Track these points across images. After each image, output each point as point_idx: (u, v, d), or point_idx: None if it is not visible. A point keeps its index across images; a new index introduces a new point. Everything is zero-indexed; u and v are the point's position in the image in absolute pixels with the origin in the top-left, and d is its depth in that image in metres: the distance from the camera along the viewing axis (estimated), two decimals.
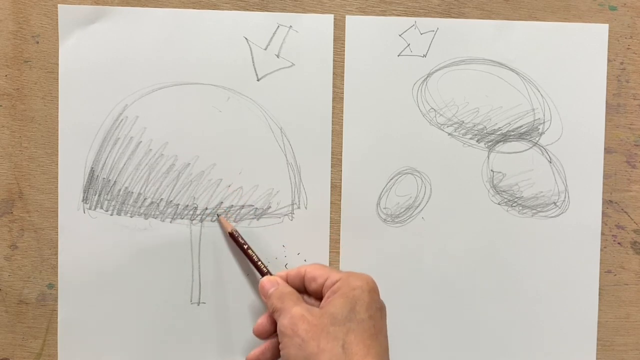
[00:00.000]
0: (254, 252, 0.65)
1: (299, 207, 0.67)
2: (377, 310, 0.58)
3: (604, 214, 0.69)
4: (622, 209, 0.69)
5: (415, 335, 0.68)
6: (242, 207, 0.67)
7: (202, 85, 0.66)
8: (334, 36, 0.67)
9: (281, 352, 0.57)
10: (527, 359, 0.69)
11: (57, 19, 0.65)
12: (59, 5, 0.65)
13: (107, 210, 0.66)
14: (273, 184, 0.67)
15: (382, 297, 0.66)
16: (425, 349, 0.68)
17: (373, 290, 0.58)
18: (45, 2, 0.65)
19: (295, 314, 0.57)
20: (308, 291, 0.61)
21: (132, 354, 0.67)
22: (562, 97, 0.68)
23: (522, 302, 0.69)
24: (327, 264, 0.68)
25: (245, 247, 0.65)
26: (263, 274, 0.63)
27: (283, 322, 0.57)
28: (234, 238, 0.65)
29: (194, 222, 0.67)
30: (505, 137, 0.68)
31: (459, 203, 0.68)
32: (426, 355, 0.68)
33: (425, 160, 0.68)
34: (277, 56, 0.67)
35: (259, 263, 0.64)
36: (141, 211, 0.66)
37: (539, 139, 0.68)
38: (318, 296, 0.60)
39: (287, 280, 0.62)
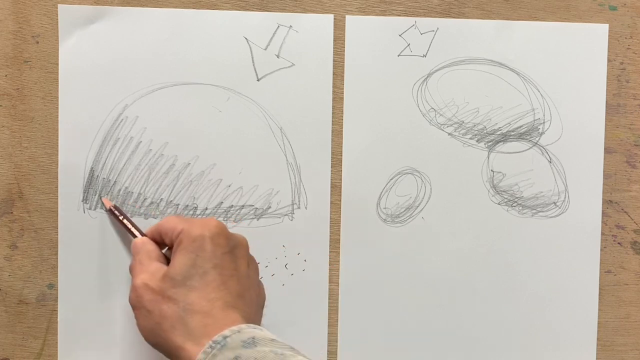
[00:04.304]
0: (130, 221, 0.64)
1: (299, 207, 0.67)
2: (225, 255, 0.55)
3: (604, 214, 0.69)
4: (622, 209, 0.69)
5: (414, 335, 0.68)
6: (242, 207, 0.67)
7: (202, 85, 0.66)
8: (333, 36, 0.67)
9: (136, 323, 0.56)
10: (527, 359, 0.69)
11: (57, 19, 0.65)
12: (59, 5, 0.65)
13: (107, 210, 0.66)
14: (273, 184, 0.67)
15: (381, 297, 0.66)
16: (425, 349, 0.68)
17: (217, 235, 0.56)
18: (45, 2, 0.65)
19: (139, 285, 0.55)
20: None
21: (132, 354, 0.67)
22: (562, 97, 0.68)
23: (522, 302, 0.69)
24: (327, 265, 0.68)
25: (122, 218, 0.64)
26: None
27: (130, 296, 0.56)
28: (113, 214, 0.65)
29: None
30: (505, 137, 0.68)
31: (459, 203, 0.68)
32: (426, 355, 0.68)
33: (425, 160, 0.68)
34: (277, 56, 0.67)
35: (133, 229, 0.63)
36: (141, 211, 0.66)
37: (539, 139, 0.68)
38: None
39: (152, 237, 0.61)
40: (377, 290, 0.68)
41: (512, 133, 0.68)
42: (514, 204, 0.68)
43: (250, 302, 0.56)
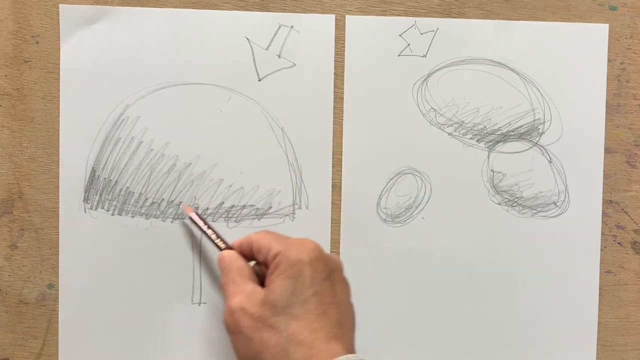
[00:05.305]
0: (214, 231, 0.63)
1: (300, 207, 0.67)
2: (324, 281, 0.54)
3: (604, 214, 0.69)
4: (622, 209, 0.69)
5: (414, 335, 0.68)
6: (244, 207, 0.67)
7: (203, 85, 0.66)
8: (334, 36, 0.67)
9: (232, 347, 0.55)
10: (527, 359, 0.69)
11: (58, 19, 0.65)
12: (60, 5, 0.65)
13: (108, 210, 0.66)
14: (274, 184, 0.67)
15: (381, 297, 0.66)
16: (425, 349, 0.68)
17: (316, 259, 0.54)
18: (45, 2, 0.65)
19: (236, 309, 0.54)
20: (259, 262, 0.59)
21: (132, 354, 0.67)
22: (562, 97, 0.69)
23: (522, 302, 0.69)
24: None
25: (206, 227, 0.63)
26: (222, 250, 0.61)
27: (226, 318, 0.55)
28: (194, 221, 0.64)
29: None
30: (505, 137, 0.68)
31: (459, 203, 0.68)
32: (426, 355, 0.68)
33: (425, 160, 0.68)
34: (279, 56, 0.67)
35: (218, 240, 0.62)
36: (142, 211, 0.66)
37: (539, 139, 0.69)
38: (268, 266, 0.57)
39: (240, 250, 0.59)
40: (377, 290, 0.68)
41: (512, 133, 0.68)
42: (514, 204, 0.69)
43: (347, 330, 0.55)
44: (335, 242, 0.68)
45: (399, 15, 0.68)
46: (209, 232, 0.63)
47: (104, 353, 0.67)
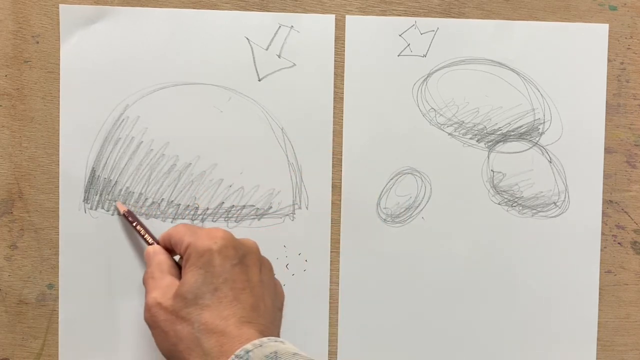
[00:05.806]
0: (143, 227, 0.64)
1: (300, 207, 0.67)
2: (235, 267, 0.54)
3: (604, 214, 0.69)
4: (622, 209, 0.69)
5: (414, 335, 0.68)
6: (244, 207, 0.67)
7: (203, 85, 0.66)
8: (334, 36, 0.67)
9: (154, 341, 0.55)
10: (527, 359, 0.69)
11: (58, 19, 0.65)
12: (60, 5, 0.65)
13: (108, 210, 0.66)
14: (274, 184, 0.67)
15: (381, 297, 0.66)
16: (425, 349, 0.68)
17: (225, 247, 0.54)
18: (45, 2, 0.65)
19: (152, 304, 0.54)
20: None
21: (132, 354, 0.67)
22: (562, 97, 0.69)
23: (522, 302, 0.69)
24: (328, 265, 0.68)
25: (135, 224, 0.64)
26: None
27: (144, 314, 0.55)
28: (127, 220, 0.65)
29: (195, 222, 0.67)
30: (505, 137, 0.68)
31: (459, 203, 0.68)
32: (426, 355, 0.68)
33: (425, 160, 0.68)
34: (279, 56, 0.67)
35: (146, 236, 0.63)
36: (142, 211, 0.66)
37: (539, 139, 0.69)
38: None
39: (164, 245, 0.60)
40: (377, 290, 0.68)
41: (512, 133, 0.68)
42: (514, 204, 0.69)
43: (265, 312, 0.55)
44: (335, 242, 0.68)
45: (399, 15, 0.68)
46: (139, 228, 0.64)
47: (104, 353, 0.67)
